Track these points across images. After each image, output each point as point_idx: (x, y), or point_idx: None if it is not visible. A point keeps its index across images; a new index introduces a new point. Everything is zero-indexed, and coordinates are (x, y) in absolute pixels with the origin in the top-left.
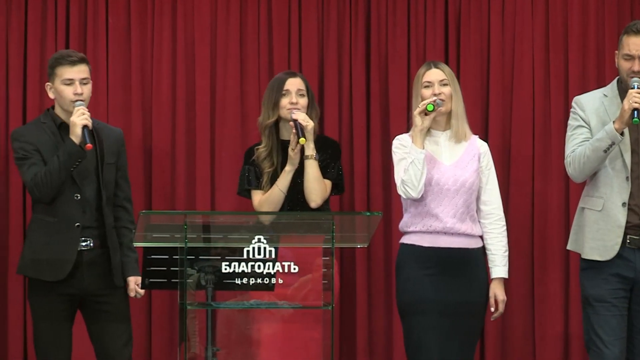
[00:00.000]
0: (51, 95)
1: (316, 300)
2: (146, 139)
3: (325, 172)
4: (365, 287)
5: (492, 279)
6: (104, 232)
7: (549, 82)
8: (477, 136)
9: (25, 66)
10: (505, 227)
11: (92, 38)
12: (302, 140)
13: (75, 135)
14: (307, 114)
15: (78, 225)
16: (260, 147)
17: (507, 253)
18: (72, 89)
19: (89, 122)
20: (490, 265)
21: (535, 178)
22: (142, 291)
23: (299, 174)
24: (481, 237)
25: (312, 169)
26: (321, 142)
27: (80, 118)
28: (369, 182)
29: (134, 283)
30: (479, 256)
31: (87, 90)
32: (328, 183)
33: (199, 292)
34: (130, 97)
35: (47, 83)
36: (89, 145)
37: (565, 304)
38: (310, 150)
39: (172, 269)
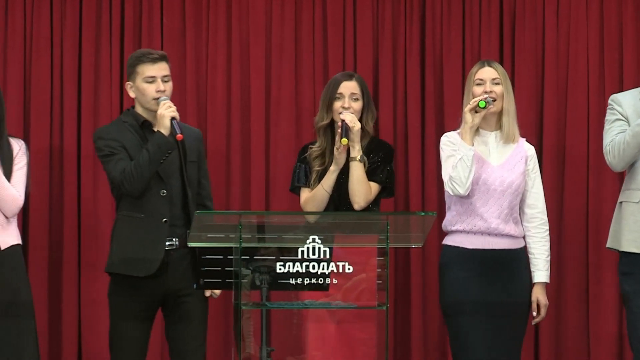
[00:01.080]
0: (132, 94)
1: (370, 300)
2: None
3: (374, 174)
4: (420, 287)
5: (534, 283)
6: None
7: (604, 82)
8: (525, 139)
9: (80, 68)
10: (548, 232)
11: (147, 39)
12: (343, 140)
13: (164, 127)
14: (361, 117)
15: (166, 221)
16: (314, 146)
17: (549, 257)
18: (154, 87)
19: (177, 114)
20: (532, 269)
21: (589, 177)
22: (218, 292)
23: (346, 175)
24: (524, 237)
25: (356, 170)
26: (374, 144)
27: (168, 110)
28: (424, 182)
29: None
30: (522, 256)
31: (168, 87)
32: (374, 185)
33: (254, 292)
34: (185, 98)
35: (128, 82)
36: (180, 136)
37: (620, 303)
38: (356, 152)
39: (226, 269)
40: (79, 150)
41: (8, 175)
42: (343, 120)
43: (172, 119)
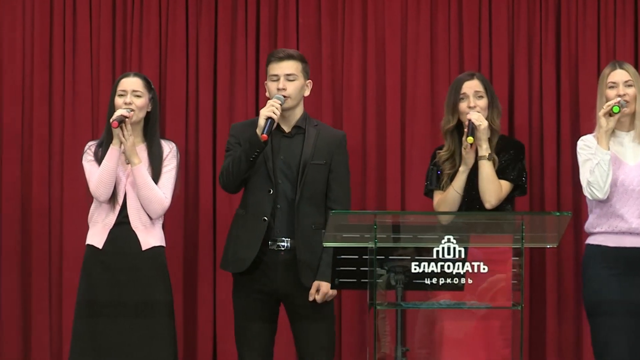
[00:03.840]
0: (267, 92)
1: (505, 300)
2: None
3: (504, 172)
4: (555, 287)
5: None
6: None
7: None
8: None
9: (216, 67)
10: None
11: (283, 37)
12: (469, 139)
13: (259, 126)
14: (487, 114)
15: (265, 220)
16: (441, 150)
17: None
18: (276, 85)
19: (275, 115)
20: None
21: None
22: (319, 297)
23: (476, 174)
24: None
25: (485, 169)
26: (503, 142)
27: (267, 109)
28: (559, 182)
29: (315, 288)
30: None
31: (291, 86)
32: (504, 184)
33: (389, 292)
34: (321, 96)
35: (265, 82)
36: (264, 136)
37: None
38: (484, 150)
39: (361, 269)
40: (214, 150)
41: (156, 176)
42: (470, 120)
43: (268, 118)
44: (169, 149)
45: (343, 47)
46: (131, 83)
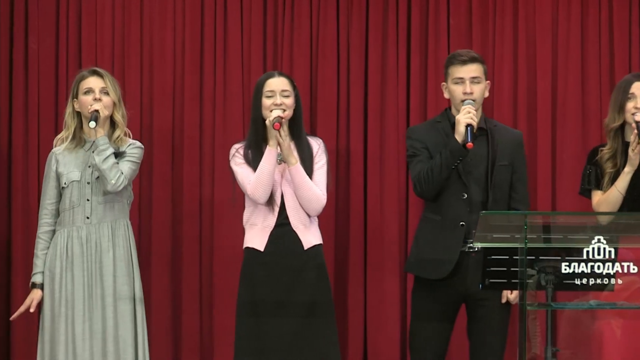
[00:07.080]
0: (446, 95)
1: None
2: None
3: None
4: None
5: None
6: None
7: None
8: None
9: (367, 68)
10: None
11: (434, 39)
12: None
13: (459, 133)
14: None
15: (463, 225)
16: (604, 148)
17: None
18: (461, 88)
19: (474, 122)
20: None
21: None
22: (512, 297)
23: (638, 175)
24: None
25: None
26: None
27: (465, 116)
28: None
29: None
30: None
31: (477, 89)
32: None
33: (539, 292)
34: None
35: (443, 83)
36: (470, 144)
37: None
38: None
39: (512, 269)
40: (365, 151)
41: (309, 173)
42: (638, 122)
43: (468, 125)
44: (317, 146)
45: (494, 48)
46: (279, 83)
